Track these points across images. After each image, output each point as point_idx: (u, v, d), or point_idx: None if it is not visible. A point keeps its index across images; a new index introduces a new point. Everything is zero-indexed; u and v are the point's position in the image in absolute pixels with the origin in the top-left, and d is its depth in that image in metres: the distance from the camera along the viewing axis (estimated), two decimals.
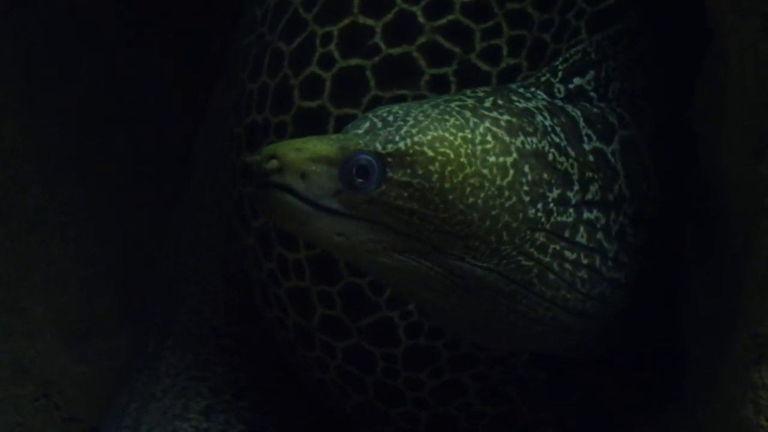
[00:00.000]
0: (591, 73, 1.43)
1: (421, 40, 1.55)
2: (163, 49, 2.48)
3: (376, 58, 1.56)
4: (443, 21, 1.54)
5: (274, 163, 1.12)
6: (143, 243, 2.36)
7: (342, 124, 1.51)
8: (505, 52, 1.55)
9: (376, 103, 1.54)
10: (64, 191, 2.34)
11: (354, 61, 1.57)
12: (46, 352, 2.23)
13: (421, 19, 1.55)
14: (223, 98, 1.98)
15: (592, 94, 1.43)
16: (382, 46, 1.56)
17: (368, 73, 1.56)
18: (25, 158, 2.30)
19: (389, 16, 1.55)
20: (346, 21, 1.57)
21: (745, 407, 1.04)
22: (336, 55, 1.57)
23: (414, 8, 1.55)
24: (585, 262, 1.32)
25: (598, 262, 1.33)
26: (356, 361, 1.64)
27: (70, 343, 2.26)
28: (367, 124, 1.20)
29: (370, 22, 1.56)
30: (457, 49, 1.54)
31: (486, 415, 1.64)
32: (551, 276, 1.29)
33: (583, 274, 1.32)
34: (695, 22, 1.37)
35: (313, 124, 1.57)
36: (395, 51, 1.55)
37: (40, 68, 2.38)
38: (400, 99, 1.53)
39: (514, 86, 1.40)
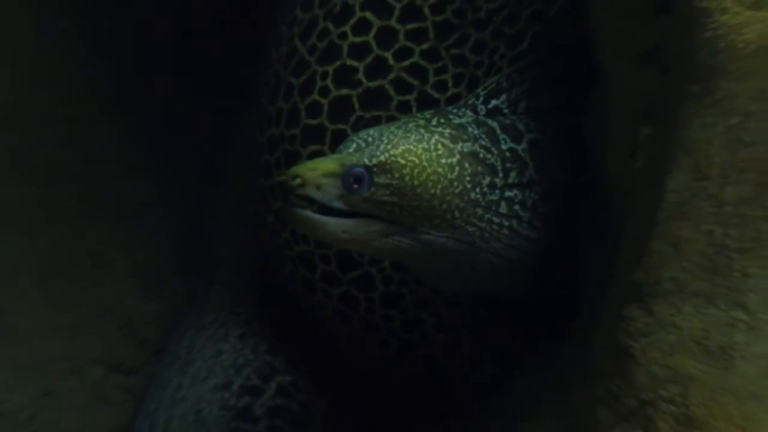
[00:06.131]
0: (504, 96, 1.40)
1: (392, 76, 1.51)
2: (206, 78, 2.42)
3: (360, 89, 1.52)
4: (407, 63, 1.50)
5: (298, 180, 1.14)
6: (194, 217, 2.32)
7: (336, 136, 1.51)
8: (450, 84, 1.51)
9: (359, 120, 1.51)
10: (142, 181, 2.29)
11: (344, 91, 1.52)
12: (127, 295, 2.19)
13: (391, 62, 1.51)
14: (250, 116, 1.94)
15: (505, 111, 1.40)
16: (364, 80, 1.51)
17: (354, 100, 1.52)
18: (109, 160, 2.25)
19: (369, 59, 1.51)
20: (338, 63, 1.53)
21: (619, 332, 1.02)
22: (331, 87, 1.53)
23: (386, 54, 1.51)
24: (506, 224, 1.31)
25: (515, 224, 1.33)
26: (346, 303, 1.61)
27: (145, 288, 2.22)
28: (354, 145, 1.20)
29: (355, 63, 1.52)
30: (417, 83, 1.51)
31: (439, 341, 1.61)
32: (486, 234, 1.30)
33: (505, 231, 1.32)
34: (586, 58, 1.34)
35: (314, 136, 1.55)
36: (373, 84, 1.51)
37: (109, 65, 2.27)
38: (377, 118, 1.51)
39: (449, 108, 1.38)
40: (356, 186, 1.16)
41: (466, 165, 1.26)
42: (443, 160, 1.23)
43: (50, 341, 2.02)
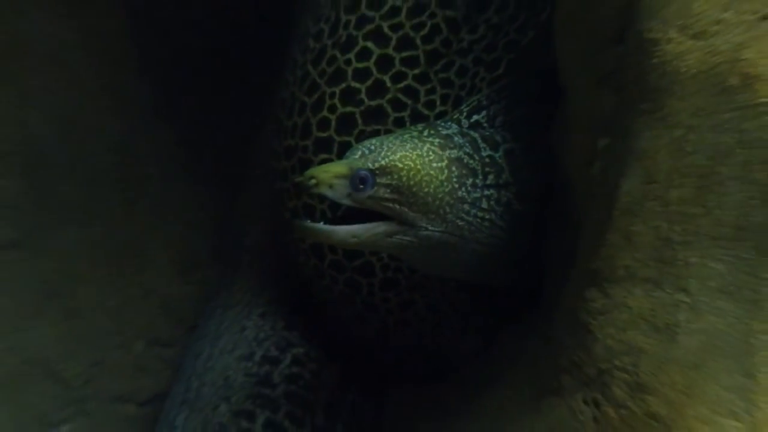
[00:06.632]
0: (483, 113, 1.41)
1: (389, 96, 1.50)
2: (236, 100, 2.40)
3: (362, 107, 1.51)
4: (402, 84, 1.50)
5: (313, 181, 1.14)
6: (224, 214, 2.31)
7: (342, 146, 1.50)
8: (438, 103, 1.51)
9: (361, 133, 1.51)
10: (179, 182, 2.27)
11: (348, 109, 1.52)
12: (166, 279, 2.18)
13: (388, 84, 1.50)
14: (269, 129, 1.94)
15: (485, 124, 1.40)
16: (366, 99, 1.51)
17: (357, 116, 1.51)
18: (150, 165, 2.23)
19: (369, 82, 1.51)
20: (344, 85, 1.53)
21: (580, 311, 1.02)
22: (338, 105, 1.53)
23: (384, 77, 1.51)
24: (487, 217, 1.32)
25: (493, 217, 1.33)
26: (350, 287, 1.60)
27: (181, 274, 2.21)
28: (359, 152, 1.21)
29: (358, 85, 1.52)
30: (410, 102, 1.50)
31: (429, 320, 1.61)
32: (473, 227, 1.30)
33: (486, 224, 1.32)
34: (553, 78, 1.34)
35: (324, 146, 1.54)
36: (373, 102, 1.51)
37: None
38: (376, 131, 1.50)
39: (438, 122, 1.39)
40: (362, 186, 1.17)
41: (453, 168, 1.27)
42: (434, 164, 1.24)
43: (100, 318, 2.02)
